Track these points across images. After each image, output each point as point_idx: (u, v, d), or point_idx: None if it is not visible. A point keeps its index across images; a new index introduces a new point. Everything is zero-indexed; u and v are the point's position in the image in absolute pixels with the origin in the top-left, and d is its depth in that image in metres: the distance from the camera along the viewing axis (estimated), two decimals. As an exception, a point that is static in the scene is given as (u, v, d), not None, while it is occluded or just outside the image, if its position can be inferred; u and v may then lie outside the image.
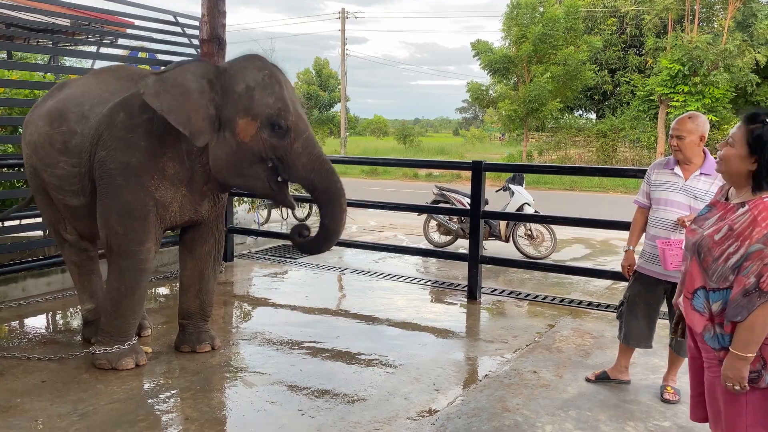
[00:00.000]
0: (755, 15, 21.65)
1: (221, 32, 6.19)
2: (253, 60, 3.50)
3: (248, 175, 3.48)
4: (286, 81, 3.54)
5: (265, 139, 3.37)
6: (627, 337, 3.57)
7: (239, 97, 3.38)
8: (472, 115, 67.24)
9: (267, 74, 3.42)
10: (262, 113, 3.35)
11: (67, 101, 3.84)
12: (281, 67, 3.62)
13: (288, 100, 3.41)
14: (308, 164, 3.44)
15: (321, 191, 3.50)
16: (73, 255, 4.17)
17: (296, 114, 3.43)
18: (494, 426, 3.11)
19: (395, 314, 4.99)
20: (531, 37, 22.34)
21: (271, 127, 3.36)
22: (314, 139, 3.51)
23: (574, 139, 24.58)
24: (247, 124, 3.36)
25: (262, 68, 3.44)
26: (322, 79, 37.27)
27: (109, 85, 3.82)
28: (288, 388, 3.52)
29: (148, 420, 3.10)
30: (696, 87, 20.97)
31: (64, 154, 3.71)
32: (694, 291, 2.15)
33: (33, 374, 3.61)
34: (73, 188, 3.74)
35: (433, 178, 19.93)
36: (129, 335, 3.74)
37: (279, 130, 3.36)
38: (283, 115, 3.36)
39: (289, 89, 3.52)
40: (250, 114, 3.36)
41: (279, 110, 3.35)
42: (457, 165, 10.34)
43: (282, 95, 3.40)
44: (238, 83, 3.40)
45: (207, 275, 3.98)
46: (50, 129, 3.78)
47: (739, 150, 2.06)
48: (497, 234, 7.58)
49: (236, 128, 3.37)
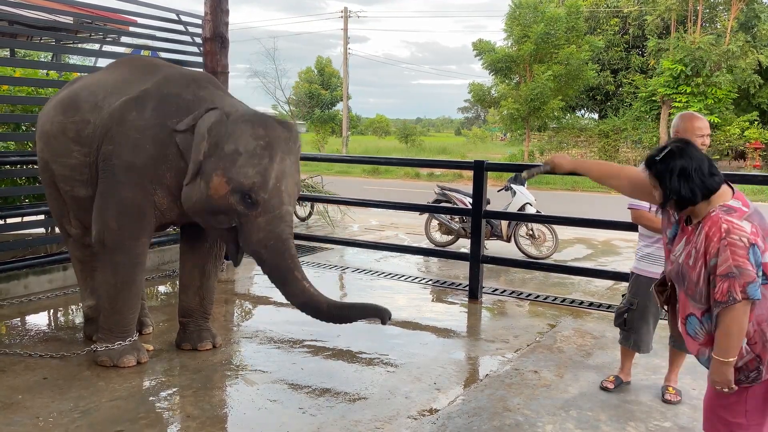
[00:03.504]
0: (758, 16, 21.62)
1: (224, 31, 6.19)
2: (258, 125, 3.38)
3: (209, 222, 3.51)
4: (287, 150, 3.42)
5: (232, 203, 3.34)
6: (638, 344, 3.52)
7: (224, 156, 3.33)
8: (474, 115, 67.22)
9: (262, 145, 3.33)
10: (237, 180, 3.30)
11: (81, 90, 3.85)
12: (294, 127, 3.54)
13: (270, 176, 3.32)
14: (263, 240, 3.36)
15: (269, 268, 3.42)
16: (77, 251, 4.17)
17: (274, 191, 3.34)
18: (495, 425, 3.11)
19: (396, 313, 4.95)
20: (533, 36, 22.33)
21: (241, 196, 3.32)
22: (284, 219, 3.40)
23: (576, 139, 24.58)
24: (221, 184, 3.33)
25: (261, 137, 3.34)
26: (324, 78, 37.22)
27: (123, 75, 3.82)
28: (289, 387, 3.52)
29: (149, 417, 3.11)
30: (698, 88, 20.94)
31: (77, 143, 3.70)
32: (686, 317, 2.24)
33: (34, 371, 3.61)
34: (83, 178, 3.73)
35: (435, 177, 19.91)
36: (129, 330, 3.74)
37: (248, 200, 3.32)
38: (255, 190, 3.30)
39: (285, 161, 3.40)
40: (226, 176, 3.32)
41: (253, 184, 3.29)
42: (459, 165, 10.35)
43: (265, 170, 3.31)
44: (230, 143, 3.34)
45: (207, 273, 3.98)
46: (64, 118, 3.77)
47: (657, 188, 2.22)
48: (499, 234, 7.58)
49: (210, 182, 3.35)
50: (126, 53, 6.39)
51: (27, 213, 5.59)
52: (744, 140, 21.18)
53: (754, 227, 2.07)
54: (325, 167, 18.89)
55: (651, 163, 2.23)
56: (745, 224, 2.06)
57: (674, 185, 2.14)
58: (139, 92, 3.62)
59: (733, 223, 2.06)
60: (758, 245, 2.05)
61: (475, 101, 27.46)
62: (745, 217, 2.09)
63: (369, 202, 7.23)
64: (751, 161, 21.21)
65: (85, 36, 8.61)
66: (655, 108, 23.05)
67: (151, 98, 3.57)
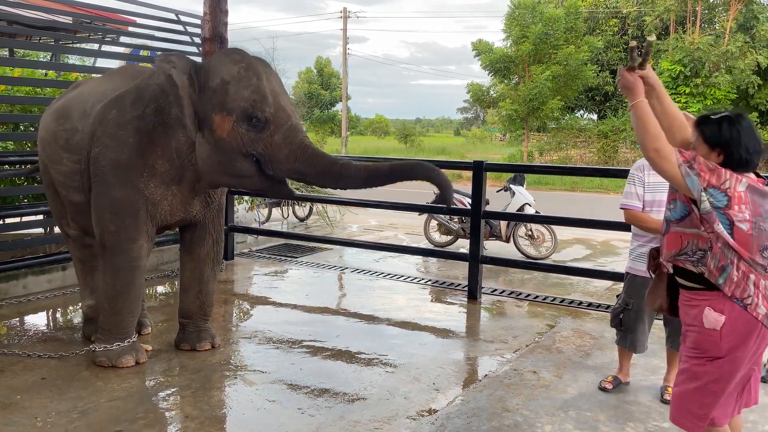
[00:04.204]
0: (757, 17, 21.63)
1: (223, 31, 6.18)
2: (231, 54, 3.43)
3: (235, 173, 3.43)
4: (269, 72, 3.45)
5: (243, 134, 3.29)
6: (634, 344, 3.54)
7: (214, 93, 3.32)
8: (473, 115, 67.25)
9: (243, 67, 3.33)
10: (237, 107, 3.27)
11: (73, 99, 3.89)
12: (265, 59, 3.55)
13: (266, 92, 3.32)
14: (290, 155, 3.32)
15: (314, 177, 3.40)
16: (76, 251, 4.18)
17: (276, 105, 3.33)
18: (494, 426, 3.11)
19: (395, 314, 4.99)
20: (531, 36, 22.34)
21: (248, 120, 3.28)
22: (297, 128, 3.38)
23: (575, 139, 24.57)
24: (223, 120, 3.29)
25: (239, 61, 3.36)
26: (324, 78, 37.27)
27: (113, 83, 3.83)
28: (288, 387, 3.52)
29: (148, 418, 3.10)
30: (697, 88, 20.96)
31: (67, 151, 3.74)
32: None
33: (33, 371, 3.61)
34: (75, 184, 3.77)
35: (434, 177, 19.87)
36: (128, 332, 3.74)
37: (257, 123, 3.28)
38: (259, 107, 3.26)
39: (271, 80, 3.42)
40: (225, 109, 3.28)
41: (254, 102, 3.26)
42: (458, 165, 10.34)
43: (259, 87, 3.30)
44: (214, 78, 3.34)
45: (207, 276, 3.98)
46: (56, 126, 3.82)
47: (702, 150, 2.23)
48: (498, 234, 7.58)
49: (213, 125, 3.31)
50: (125, 53, 6.39)
51: (26, 213, 5.58)
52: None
53: (746, 195, 2.13)
54: (324, 167, 18.88)
55: (705, 120, 2.26)
56: (743, 183, 2.14)
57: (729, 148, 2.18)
58: (118, 94, 3.64)
59: (735, 175, 2.15)
60: (732, 203, 2.11)
61: (474, 102, 27.48)
62: (749, 185, 2.15)
63: (368, 203, 7.20)
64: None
65: (84, 36, 8.61)
66: (655, 108, 23.03)
67: (128, 95, 3.59)
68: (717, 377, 2.22)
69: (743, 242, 2.13)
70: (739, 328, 2.18)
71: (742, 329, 2.18)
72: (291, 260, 6.89)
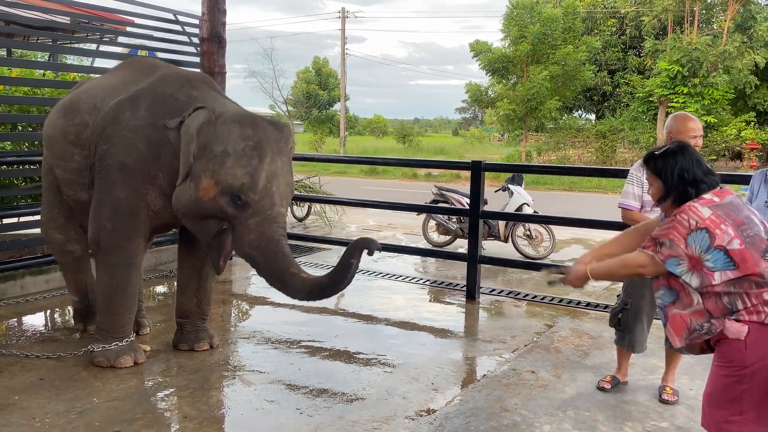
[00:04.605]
0: (754, 17, 21.69)
1: (221, 31, 6.19)
2: (246, 126, 3.33)
3: (197, 226, 3.46)
4: (277, 150, 3.38)
5: (222, 205, 3.30)
6: (632, 344, 3.54)
7: (213, 158, 3.30)
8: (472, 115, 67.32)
9: (250, 145, 3.29)
10: (225, 182, 3.26)
11: (81, 93, 3.88)
12: (287, 127, 3.52)
13: (260, 177, 3.27)
14: (254, 242, 3.31)
15: (263, 271, 3.36)
16: (59, 256, 4.27)
17: (263, 192, 3.28)
18: (492, 426, 3.11)
19: (394, 314, 4.99)
20: (529, 36, 22.36)
21: (230, 197, 3.28)
22: (275, 220, 3.33)
23: (574, 139, 24.61)
24: (210, 186, 3.29)
25: (249, 137, 3.30)
26: (322, 78, 37.23)
27: (123, 77, 3.83)
28: (286, 387, 3.52)
29: (146, 418, 3.10)
30: (695, 88, 21.01)
31: (77, 146, 3.72)
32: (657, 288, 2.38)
33: (31, 372, 3.61)
34: (84, 181, 3.75)
35: (433, 177, 19.92)
36: (126, 331, 3.74)
37: (238, 202, 3.28)
38: (244, 191, 3.25)
39: (275, 161, 3.35)
40: (215, 178, 3.28)
41: (242, 185, 3.25)
42: (457, 165, 10.34)
43: (255, 171, 3.26)
44: (218, 144, 3.30)
45: (205, 275, 3.98)
46: (65, 121, 3.79)
47: (656, 185, 2.34)
48: (496, 234, 7.58)
49: (199, 185, 3.31)
50: (123, 53, 6.38)
51: (23, 213, 5.57)
52: (740, 141, 21.23)
53: (716, 215, 2.14)
54: (323, 167, 18.90)
55: (650, 158, 2.36)
56: (704, 210, 2.15)
57: (674, 181, 2.26)
58: (134, 92, 3.62)
59: (691, 206, 2.18)
60: (712, 231, 2.11)
61: (472, 102, 27.50)
62: (711, 206, 2.16)
63: (366, 203, 7.21)
64: (747, 161, 21.26)
65: (82, 36, 8.59)
66: (652, 108, 23.09)
67: (144, 98, 3.57)
68: (750, 386, 2.16)
69: (743, 260, 2.10)
70: (762, 338, 2.15)
71: (765, 339, 2.15)
72: (289, 260, 6.87)
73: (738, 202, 2.21)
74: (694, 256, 2.13)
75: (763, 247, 2.14)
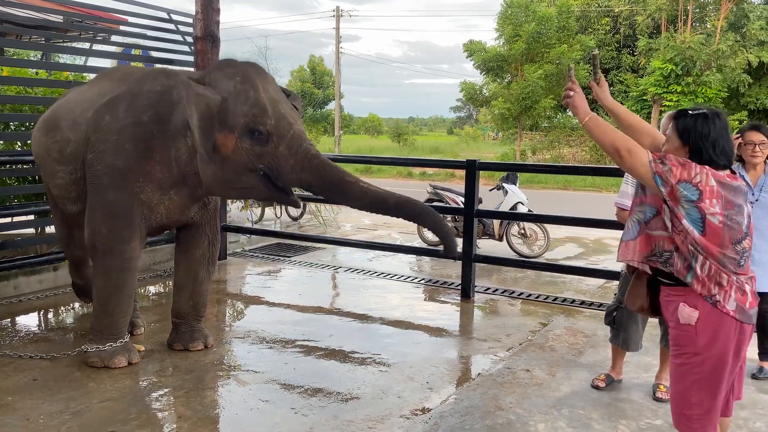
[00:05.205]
0: (747, 16, 21.78)
1: (215, 29, 6.17)
2: (224, 68, 3.37)
3: (242, 187, 3.42)
4: (265, 80, 3.40)
5: (247, 149, 3.26)
6: (626, 342, 3.56)
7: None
8: (466, 114, 67.34)
9: (239, 81, 3.29)
10: (238, 123, 3.24)
11: (60, 109, 3.86)
12: (258, 63, 3.51)
13: (265, 103, 3.27)
14: (296, 165, 3.28)
15: (320, 189, 3.37)
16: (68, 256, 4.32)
17: (276, 115, 3.28)
18: (487, 424, 3.11)
19: (389, 313, 4.99)
20: (524, 35, 22.40)
21: (250, 135, 3.25)
22: (301, 136, 3.32)
23: (568, 138, 24.66)
24: (226, 138, 3.26)
25: (234, 75, 3.31)
26: (317, 77, 37.24)
27: (100, 88, 3.79)
28: (281, 387, 3.52)
29: (141, 419, 3.09)
30: (689, 87, 21.08)
31: (61, 163, 3.72)
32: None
33: (24, 372, 3.59)
34: (71, 195, 3.76)
35: (427, 176, 19.94)
36: (120, 333, 3.72)
37: (260, 137, 3.24)
38: (260, 121, 3.23)
39: (268, 89, 3.37)
40: (227, 127, 3.25)
41: (255, 116, 3.23)
42: (451, 164, 10.37)
43: (257, 99, 3.26)
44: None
45: (201, 277, 3.96)
46: (47, 139, 3.79)
47: (673, 143, 2.27)
48: (491, 233, 7.59)
49: (216, 144, 3.28)
50: (117, 52, 6.35)
51: (17, 213, 5.54)
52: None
53: (718, 191, 2.14)
54: (318, 166, 18.82)
55: (681, 114, 2.30)
56: (713, 179, 2.15)
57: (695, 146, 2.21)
58: (109, 99, 3.60)
59: (708, 169, 2.16)
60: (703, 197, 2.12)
61: (467, 100, 27.52)
62: (720, 180, 2.16)
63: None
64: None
65: (75, 35, 8.55)
66: (646, 107, 23.16)
67: (122, 100, 3.56)
68: (700, 375, 2.21)
69: (714, 235, 2.14)
70: (713, 323, 2.18)
71: (716, 325, 2.18)
72: (284, 260, 6.88)
73: (742, 190, 2.22)
74: (675, 195, 2.15)
75: (738, 237, 2.17)
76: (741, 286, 2.20)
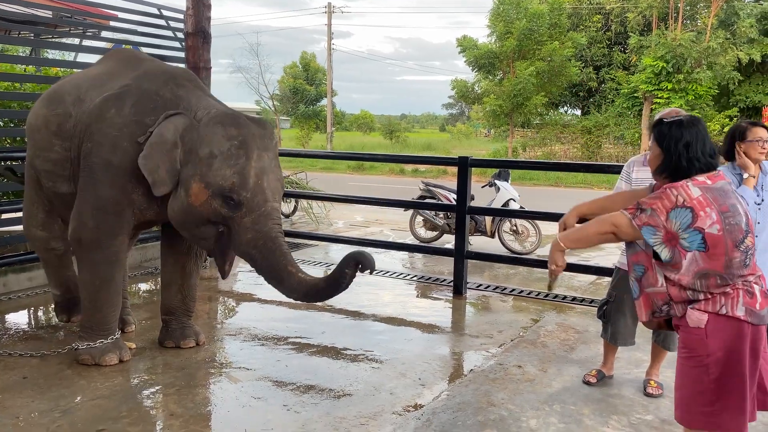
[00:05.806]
0: (737, 14, 21.88)
1: (206, 25, 6.13)
2: (228, 125, 3.32)
3: (195, 234, 3.45)
4: (263, 146, 3.38)
5: (215, 208, 3.29)
6: (614, 336, 3.58)
7: (200, 161, 3.30)
8: (459, 111, 67.40)
9: (236, 144, 3.28)
10: (215, 184, 3.26)
11: (65, 84, 3.86)
12: (267, 124, 3.51)
13: (249, 174, 3.27)
14: (252, 241, 3.30)
15: (262, 268, 3.35)
16: (42, 253, 4.24)
17: (255, 189, 3.28)
18: (479, 420, 3.12)
19: (381, 309, 4.99)
20: (516, 32, 22.43)
21: (222, 198, 3.27)
22: (270, 215, 3.34)
23: (559, 135, 24.72)
24: (200, 190, 3.28)
25: (234, 137, 3.29)
26: (309, 74, 37.10)
27: (107, 68, 3.81)
28: (273, 384, 3.51)
29: (132, 416, 3.08)
30: (679, 84, 21.17)
31: (58, 137, 3.69)
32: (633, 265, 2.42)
33: (14, 370, 3.56)
34: (65, 173, 3.72)
35: (420, 173, 19.95)
36: (111, 328, 3.70)
37: (231, 203, 3.27)
38: (236, 190, 3.25)
39: (262, 158, 3.35)
40: (204, 181, 3.27)
41: (233, 184, 3.24)
42: (443, 161, 10.36)
43: (244, 168, 3.26)
44: (204, 147, 3.30)
45: (189, 270, 3.95)
46: (47, 111, 3.76)
47: (654, 151, 2.33)
48: (483, 229, 7.60)
49: (189, 190, 3.31)
50: (107, 48, 6.31)
51: (5, 210, 5.50)
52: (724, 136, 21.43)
53: (705, 197, 2.15)
54: (310, 163, 18.82)
55: (657, 123, 2.34)
56: (694, 190, 2.16)
57: (671, 152, 2.24)
58: (119, 89, 3.59)
59: (683, 184, 2.18)
60: (696, 212, 2.13)
61: (459, 97, 27.55)
62: (701, 187, 2.17)
63: (354, 198, 7.20)
64: (731, 157, 21.47)
65: (65, 30, 8.48)
66: (637, 104, 23.25)
67: (130, 95, 3.55)
68: (716, 376, 2.18)
69: (715, 244, 2.13)
70: (722, 326, 2.18)
71: (725, 327, 2.18)
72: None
73: (728, 189, 2.22)
74: (671, 231, 2.15)
75: (740, 237, 2.16)
76: (749, 288, 2.19)
